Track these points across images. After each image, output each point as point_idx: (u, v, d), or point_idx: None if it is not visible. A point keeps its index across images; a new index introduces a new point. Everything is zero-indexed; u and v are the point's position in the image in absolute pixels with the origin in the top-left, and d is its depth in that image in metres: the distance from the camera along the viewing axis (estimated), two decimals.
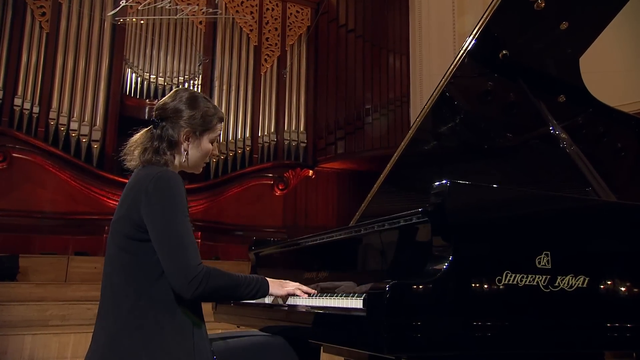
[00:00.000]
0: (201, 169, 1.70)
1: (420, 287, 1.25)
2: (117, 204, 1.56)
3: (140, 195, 1.43)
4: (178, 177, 1.48)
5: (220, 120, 1.65)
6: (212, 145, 1.64)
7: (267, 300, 1.75)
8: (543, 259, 1.40)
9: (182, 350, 1.41)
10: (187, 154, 1.59)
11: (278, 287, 1.62)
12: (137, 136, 1.61)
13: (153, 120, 1.60)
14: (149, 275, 1.42)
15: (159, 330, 1.39)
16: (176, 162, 1.59)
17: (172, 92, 1.65)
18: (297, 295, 1.65)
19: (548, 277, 1.39)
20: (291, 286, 1.66)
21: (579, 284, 1.43)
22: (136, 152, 1.57)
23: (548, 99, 2.13)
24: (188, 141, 1.58)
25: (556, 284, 1.40)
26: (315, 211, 8.25)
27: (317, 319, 1.49)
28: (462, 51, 2.14)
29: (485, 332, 1.31)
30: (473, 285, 1.32)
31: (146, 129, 1.62)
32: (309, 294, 1.66)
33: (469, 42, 2.12)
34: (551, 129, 2.01)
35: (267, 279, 1.59)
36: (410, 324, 1.23)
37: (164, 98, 1.64)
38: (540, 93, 2.11)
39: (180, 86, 7.92)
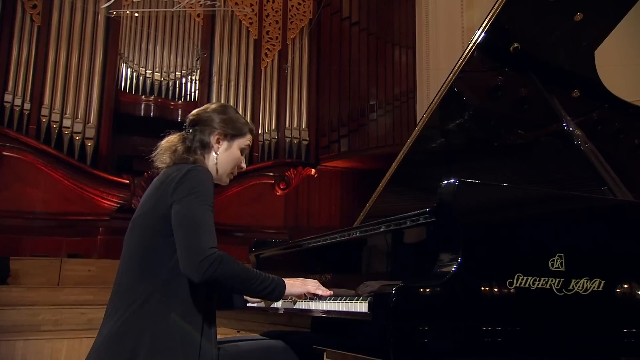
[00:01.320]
0: (228, 181, 1.76)
1: (428, 290, 1.25)
2: (111, 204, 1.59)
3: (169, 188, 1.49)
4: (209, 172, 1.56)
5: (251, 131, 1.76)
6: (241, 155, 1.74)
7: (277, 304, 1.74)
8: (556, 261, 1.40)
9: (187, 355, 1.42)
10: (217, 157, 1.68)
11: (298, 286, 1.62)
12: (168, 138, 1.70)
13: (184, 126, 1.70)
14: (166, 274, 1.45)
15: (163, 333, 1.41)
16: (208, 164, 1.67)
17: (204, 105, 1.77)
18: (316, 296, 1.64)
19: (562, 280, 1.39)
20: (311, 285, 1.65)
21: (594, 287, 1.43)
22: (167, 153, 1.64)
23: (561, 93, 2.13)
24: (219, 144, 1.69)
25: (570, 288, 1.40)
26: (317, 211, 8.25)
27: (320, 324, 1.49)
28: (471, 44, 2.14)
29: (496, 337, 1.31)
30: (483, 288, 1.31)
31: (179, 132, 1.71)
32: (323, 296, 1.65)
33: (479, 35, 2.11)
34: (565, 126, 2.00)
35: (285, 279, 1.60)
36: (417, 329, 1.22)
37: (196, 110, 1.75)
38: (553, 88, 2.10)
39: (177, 82, 7.95)
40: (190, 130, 1.68)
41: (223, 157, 1.69)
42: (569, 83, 2.21)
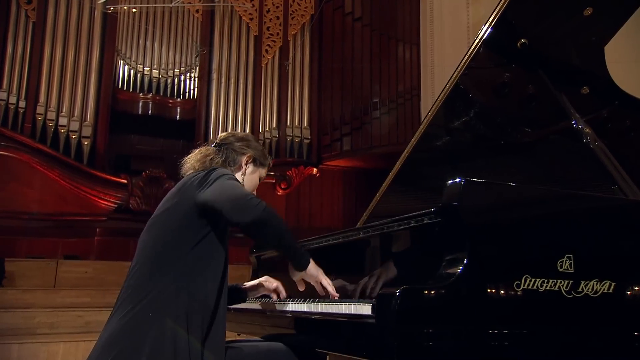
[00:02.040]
0: None
1: (433, 292, 1.25)
2: (108, 204, 1.62)
3: (193, 185, 1.55)
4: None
5: (269, 166, 1.89)
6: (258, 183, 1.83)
7: (271, 306, 1.74)
8: (565, 263, 1.39)
9: (192, 355, 1.44)
10: (244, 177, 1.78)
11: (318, 271, 1.63)
12: (201, 149, 1.79)
13: (216, 143, 1.81)
14: (182, 269, 1.48)
15: (167, 331, 1.42)
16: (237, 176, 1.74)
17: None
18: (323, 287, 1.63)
19: (571, 282, 1.39)
20: (323, 277, 1.64)
21: (604, 289, 1.42)
22: (199, 160, 1.72)
23: (570, 90, 2.12)
24: (247, 166, 1.79)
25: (579, 290, 1.40)
26: (319, 212, 8.25)
27: (323, 326, 1.49)
28: (477, 40, 2.14)
29: (502, 340, 1.31)
30: (489, 290, 1.31)
31: (211, 146, 1.80)
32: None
33: (485, 31, 2.11)
34: (574, 123, 2.00)
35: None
36: (422, 332, 1.22)
37: (226, 133, 1.88)
38: (561, 84, 2.10)
39: (176, 80, 7.96)
40: (224, 146, 1.79)
41: (248, 178, 1.80)
42: (578, 79, 2.20)
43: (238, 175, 1.77)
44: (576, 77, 2.21)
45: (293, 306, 1.69)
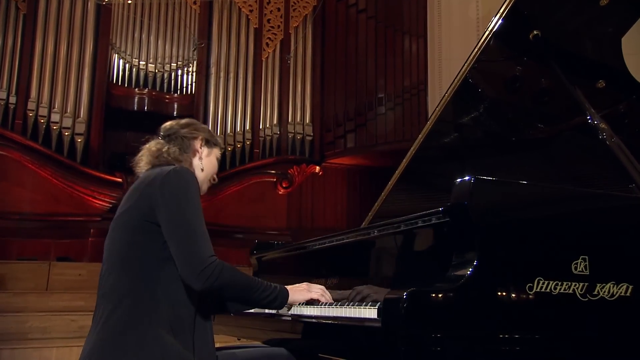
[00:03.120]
0: (206, 188, 1.83)
1: (441, 295, 1.25)
2: (103, 203, 1.62)
3: (152, 190, 1.53)
4: (192, 172, 1.62)
5: (222, 147, 1.88)
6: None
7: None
8: (580, 264, 1.39)
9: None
10: (202, 160, 1.77)
11: (302, 292, 1.64)
12: (151, 143, 1.78)
13: (161, 135, 1.78)
14: (153, 272, 1.48)
15: (151, 340, 1.42)
16: (194, 164, 1.75)
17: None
18: (318, 301, 1.65)
19: (586, 284, 1.38)
20: (316, 291, 1.66)
21: (621, 292, 1.42)
22: (149, 156, 1.72)
23: (585, 84, 2.12)
24: (202, 148, 1.79)
25: (595, 293, 1.39)
26: (322, 211, 8.25)
27: (327, 331, 1.49)
28: (487, 32, 2.14)
29: (514, 346, 1.31)
30: (500, 293, 1.31)
31: (157, 140, 1.79)
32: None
33: (495, 22, 2.11)
34: (589, 119, 2.00)
35: (288, 286, 1.63)
36: (430, 336, 1.22)
37: (167, 123, 1.85)
38: (576, 78, 2.09)
39: (173, 74, 7.96)
40: (172, 136, 1.77)
41: (207, 161, 1.79)
42: (594, 73, 2.20)
43: (196, 161, 1.77)
44: (591, 70, 2.20)
45: (296, 310, 1.69)
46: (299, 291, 1.63)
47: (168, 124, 1.84)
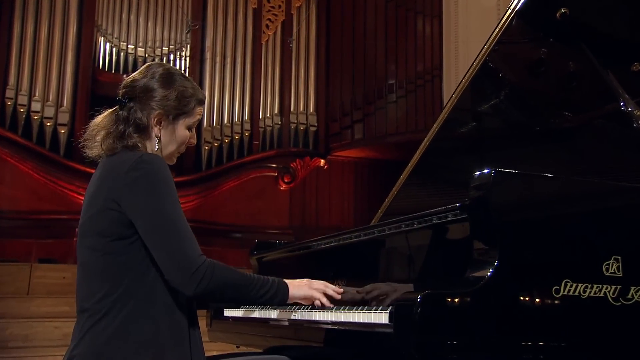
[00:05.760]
0: (175, 160, 1.72)
1: (457, 299, 1.26)
2: None
3: (118, 185, 1.46)
4: (161, 159, 1.53)
5: (200, 102, 1.68)
6: (189, 132, 1.67)
7: (274, 314, 1.75)
8: (612, 265, 1.39)
9: None
10: (159, 140, 1.61)
11: (303, 288, 1.60)
12: (99, 118, 1.65)
13: (119, 99, 1.62)
14: (132, 280, 1.44)
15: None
16: (148, 149, 1.60)
17: (143, 67, 1.69)
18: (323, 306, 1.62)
19: (618, 287, 1.38)
20: (318, 286, 1.62)
21: None
22: (98, 138, 1.60)
23: (619, 67, 2.11)
24: (160, 125, 1.61)
25: (629, 296, 1.40)
26: (327, 208, 8.26)
27: (333, 337, 1.50)
28: (509, 11, 2.14)
29: (537, 355, 1.31)
30: (522, 297, 1.32)
31: (111, 109, 1.65)
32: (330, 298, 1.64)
33: (518, 0, 2.10)
34: (622, 105, 1.99)
35: (286, 280, 1.59)
36: (445, 343, 1.23)
37: (133, 74, 1.67)
38: (608, 60, 2.09)
39: (164, 59, 7.96)
40: (125, 107, 1.60)
41: (166, 140, 1.63)
42: (628, 54, 2.19)
43: (152, 143, 1.60)
44: (626, 51, 2.19)
45: (300, 314, 1.69)
46: (299, 286, 1.60)
47: (128, 80, 1.66)
